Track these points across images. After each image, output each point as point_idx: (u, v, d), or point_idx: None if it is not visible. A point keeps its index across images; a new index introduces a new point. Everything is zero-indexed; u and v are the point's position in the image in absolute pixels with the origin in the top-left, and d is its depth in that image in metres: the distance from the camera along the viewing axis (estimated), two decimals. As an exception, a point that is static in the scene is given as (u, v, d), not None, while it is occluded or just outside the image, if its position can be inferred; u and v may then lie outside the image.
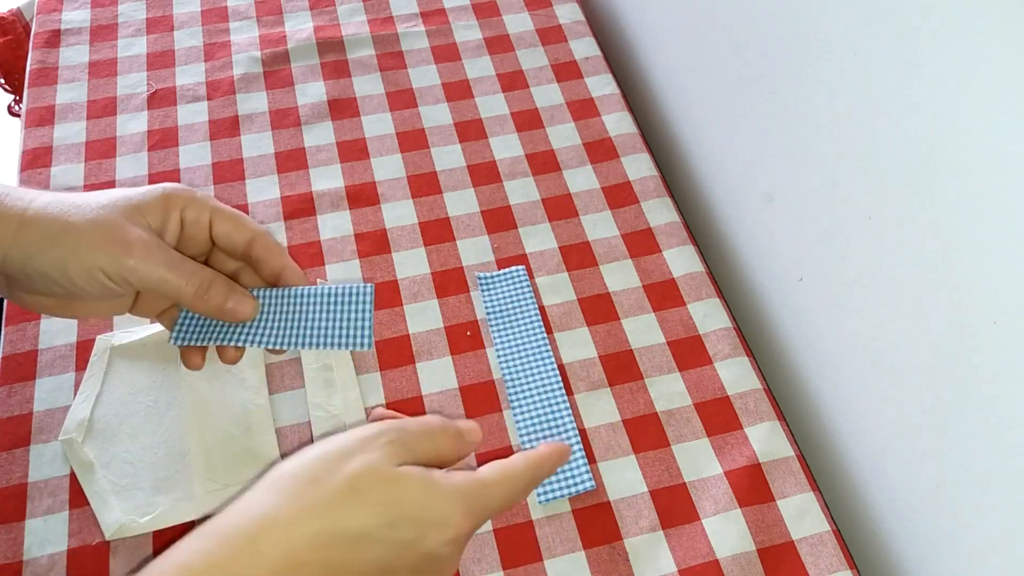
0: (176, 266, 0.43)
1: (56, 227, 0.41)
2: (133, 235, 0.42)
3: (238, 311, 0.44)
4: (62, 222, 0.41)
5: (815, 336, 0.59)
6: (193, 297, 0.43)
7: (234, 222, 0.46)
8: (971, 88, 0.39)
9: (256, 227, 0.46)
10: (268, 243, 0.46)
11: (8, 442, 0.54)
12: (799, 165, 0.56)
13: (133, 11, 0.81)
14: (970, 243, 0.42)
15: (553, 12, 0.82)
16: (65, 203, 0.42)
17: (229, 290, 0.44)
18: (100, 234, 0.41)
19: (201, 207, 0.45)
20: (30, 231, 0.41)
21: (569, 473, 0.53)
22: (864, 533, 0.56)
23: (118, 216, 0.42)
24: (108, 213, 0.42)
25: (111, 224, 0.42)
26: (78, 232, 0.41)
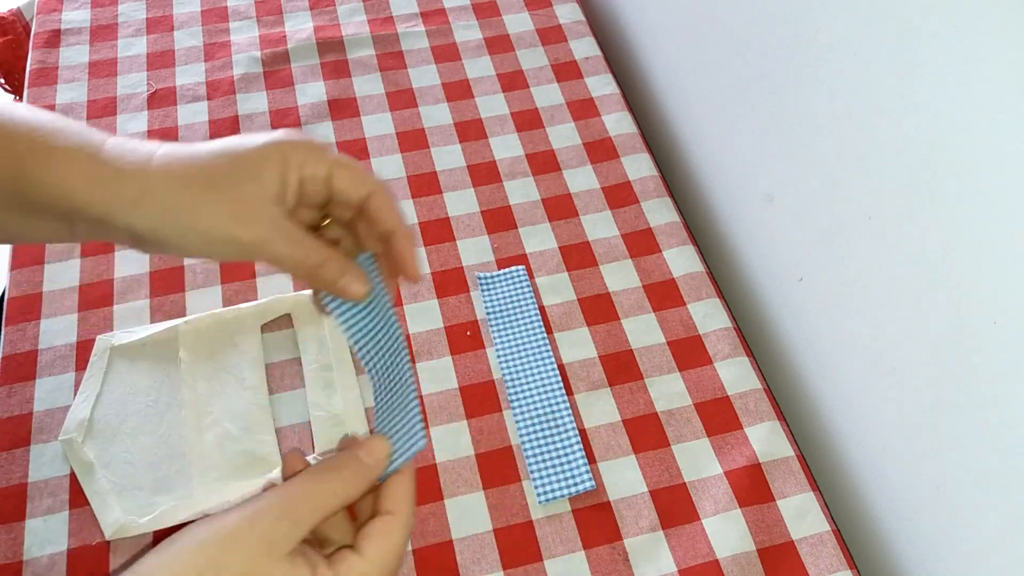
0: (294, 245, 0.42)
1: (177, 196, 0.40)
2: (254, 212, 0.41)
3: (349, 289, 0.44)
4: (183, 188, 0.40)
5: (815, 336, 0.59)
6: (306, 275, 0.43)
7: (352, 176, 0.44)
8: (971, 88, 0.39)
9: (374, 182, 0.45)
10: (382, 204, 0.45)
11: (8, 442, 0.54)
12: (799, 165, 0.56)
13: (133, 11, 0.81)
14: (970, 243, 0.42)
15: (553, 12, 0.82)
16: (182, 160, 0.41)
17: (342, 271, 0.44)
18: (221, 203, 0.40)
19: (319, 161, 0.43)
20: (151, 202, 0.40)
21: (569, 473, 0.53)
22: (864, 533, 0.56)
23: (241, 185, 0.41)
24: (230, 182, 0.41)
25: (231, 194, 0.41)
26: (201, 205, 0.40)
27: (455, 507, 0.52)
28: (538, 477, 0.53)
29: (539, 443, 0.54)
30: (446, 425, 0.55)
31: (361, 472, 0.38)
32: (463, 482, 0.53)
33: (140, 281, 0.61)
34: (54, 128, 0.41)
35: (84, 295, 0.61)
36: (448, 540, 0.51)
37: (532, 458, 0.54)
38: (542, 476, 0.53)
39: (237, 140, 0.43)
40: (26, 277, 0.62)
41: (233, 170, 0.41)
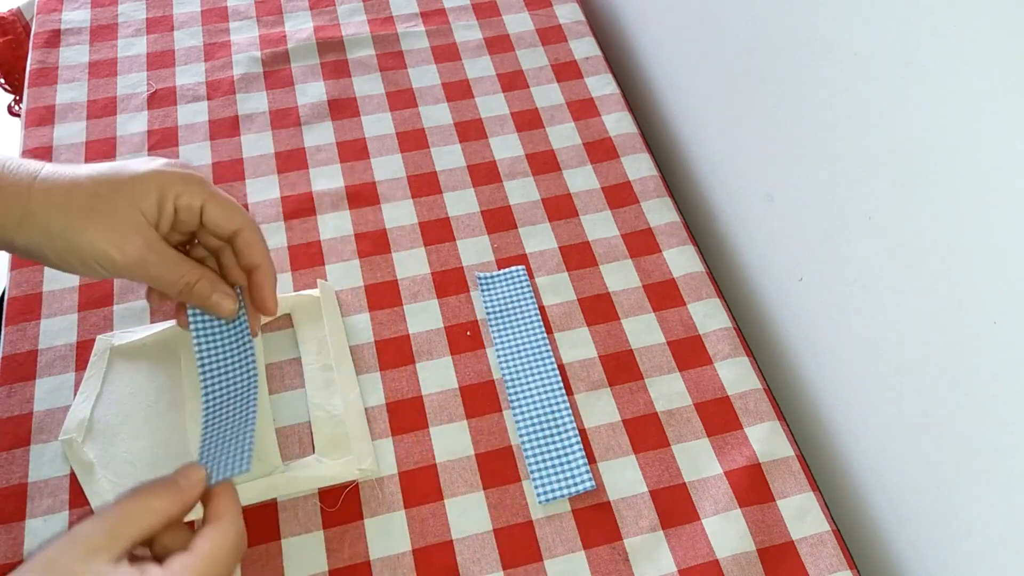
0: (167, 266, 0.46)
1: (58, 220, 0.43)
2: (129, 235, 0.44)
3: (221, 304, 0.48)
4: (63, 213, 0.43)
5: (815, 336, 0.59)
6: (179, 293, 0.47)
7: (224, 211, 0.47)
8: (971, 88, 0.39)
9: (243, 220, 0.48)
10: (250, 239, 0.48)
11: (8, 442, 0.54)
12: (799, 165, 0.56)
13: (133, 11, 0.81)
14: (970, 243, 0.42)
15: (553, 12, 0.82)
16: (63, 185, 0.44)
17: (212, 288, 0.48)
18: (101, 231, 0.43)
19: (194, 194, 0.46)
20: (32, 223, 0.43)
21: (569, 473, 0.53)
22: (864, 533, 0.56)
23: (119, 209, 0.44)
24: (109, 205, 0.44)
25: (109, 220, 0.44)
26: (81, 227, 0.43)
27: (455, 507, 0.52)
28: (538, 477, 0.53)
29: (539, 443, 0.54)
30: (446, 425, 0.55)
31: (176, 492, 0.41)
32: (463, 482, 0.53)
33: (140, 281, 0.61)
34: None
35: (84, 295, 0.61)
36: (448, 540, 0.51)
37: (532, 458, 0.54)
38: (542, 476, 0.53)
39: (118, 166, 0.46)
40: (26, 277, 0.62)
41: (112, 196, 0.44)
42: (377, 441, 0.54)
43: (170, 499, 0.41)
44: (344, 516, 0.51)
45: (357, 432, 0.54)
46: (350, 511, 0.52)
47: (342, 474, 0.52)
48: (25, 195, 0.43)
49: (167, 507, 0.40)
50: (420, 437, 0.55)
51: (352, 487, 0.52)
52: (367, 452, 0.53)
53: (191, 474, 0.42)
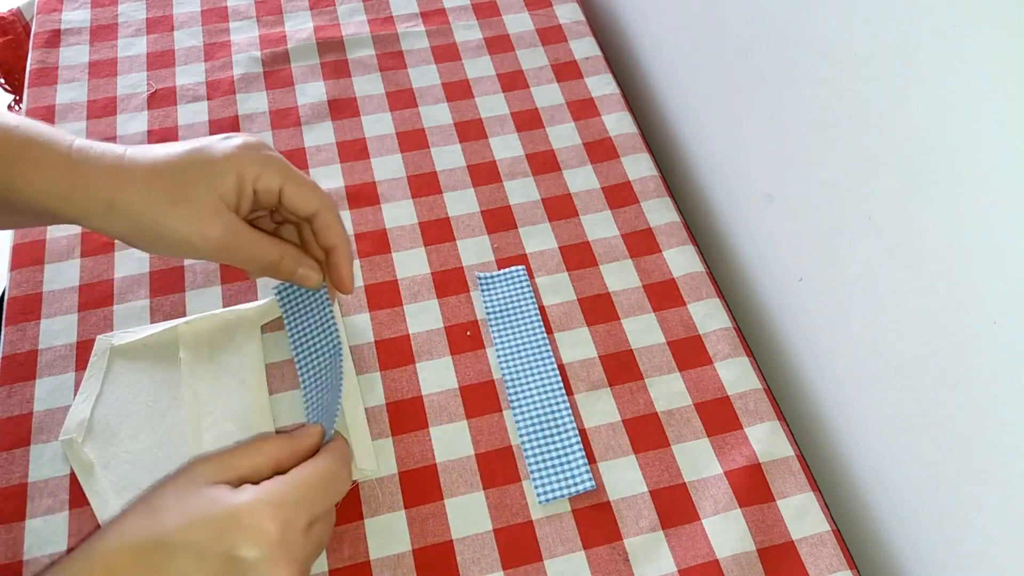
0: (250, 248, 0.48)
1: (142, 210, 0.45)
2: (210, 220, 0.46)
3: (308, 278, 0.51)
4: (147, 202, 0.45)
5: (815, 336, 0.59)
6: (263, 271, 0.49)
7: (301, 194, 0.49)
8: (971, 88, 0.39)
9: (321, 202, 0.50)
10: (327, 221, 0.50)
11: (8, 442, 0.54)
12: (799, 165, 0.56)
13: (133, 11, 0.81)
14: (970, 243, 0.42)
15: (553, 12, 0.82)
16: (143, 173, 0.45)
17: (299, 262, 0.50)
18: (181, 216, 0.45)
19: (273, 175, 0.48)
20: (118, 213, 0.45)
21: (569, 473, 0.53)
22: (864, 533, 0.56)
23: (196, 190, 0.45)
24: (185, 188, 0.45)
25: (190, 207, 0.45)
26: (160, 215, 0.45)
27: (455, 507, 0.52)
28: (538, 477, 0.53)
29: (539, 443, 0.54)
30: (446, 425, 0.55)
31: (288, 441, 0.45)
32: (463, 482, 0.53)
33: (140, 281, 0.61)
34: (26, 134, 0.44)
35: (84, 295, 0.61)
36: (448, 540, 0.51)
37: (532, 458, 0.54)
38: (542, 476, 0.53)
39: (196, 148, 0.47)
40: (26, 277, 0.62)
41: (191, 182, 0.46)
42: (377, 441, 0.54)
43: (280, 444, 0.44)
44: (344, 516, 0.51)
45: (357, 432, 0.54)
46: (350, 511, 0.52)
47: (342, 474, 0.52)
48: (111, 184, 0.44)
49: (276, 450, 0.43)
50: (420, 437, 0.55)
51: (352, 487, 0.52)
52: (367, 452, 0.53)
53: (308, 429, 0.46)
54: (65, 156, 0.44)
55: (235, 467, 0.42)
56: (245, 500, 0.39)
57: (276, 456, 0.43)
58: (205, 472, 0.41)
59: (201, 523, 0.38)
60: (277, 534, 0.39)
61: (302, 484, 0.41)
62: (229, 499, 0.39)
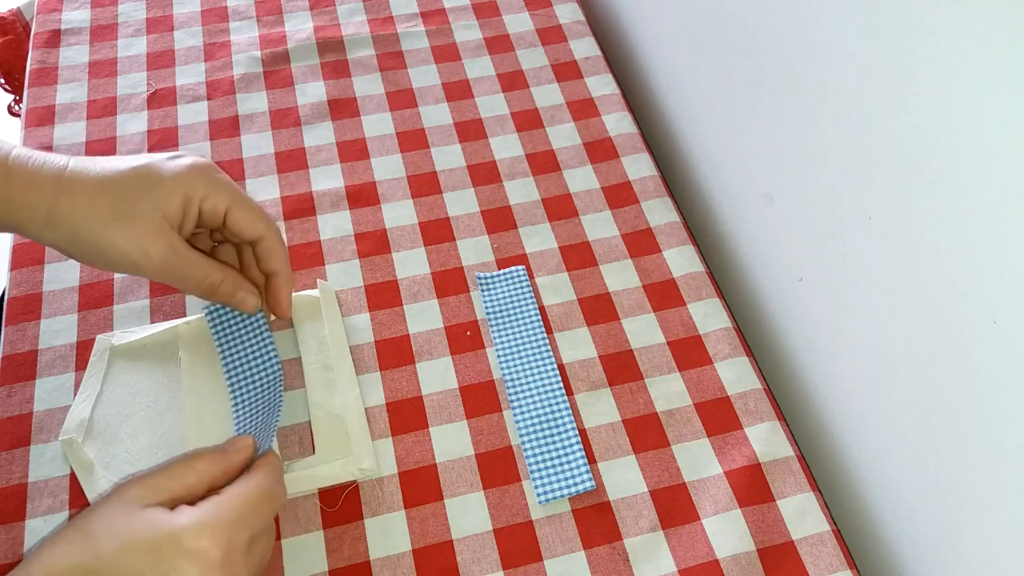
0: (190, 269, 0.47)
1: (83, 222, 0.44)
2: (152, 239, 0.45)
3: (246, 302, 0.50)
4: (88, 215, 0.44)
5: (815, 336, 0.59)
6: (203, 293, 0.49)
7: (247, 218, 0.48)
8: (971, 88, 0.39)
9: (267, 227, 0.49)
10: (271, 247, 0.50)
11: (8, 442, 0.54)
12: (799, 165, 0.56)
13: (133, 11, 0.81)
14: (970, 243, 0.42)
15: (553, 12, 0.82)
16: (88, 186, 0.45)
17: (236, 287, 0.50)
18: (122, 233, 0.44)
19: (220, 199, 0.47)
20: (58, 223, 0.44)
21: (569, 473, 0.53)
22: (864, 533, 0.56)
23: (141, 208, 0.45)
24: (130, 205, 0.45)
25: (132, 224, 0.44)
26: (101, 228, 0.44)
27: (455, 507, 0.52)
28: (538, 477, 0.53)
29: (539, 443, 0.54)
30: (446, 425, 0.55)
31: (220, 456, 0.44)
32: (463, 482, 0.53)
33: (140, 281, 0.61)
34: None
35: (84, 295, 0.61)
36: (448, 540, 0.51)
37: (532, 458, 0.54)
38: (542, 476, 0.53)
39: (145, 165, 0.46)
40: (26, 277, 0.62)
41: (136, 199, 0.45)
42: (377, 441, 0.54)
43: (213, 461, 0.43)
44: (344, 516, 0.51)
45: (357, 432, 0.54)
46: (350, 511, 0.52)
47: (342, 474, 0.52)
48: (51, 194, 0.44)
49: (209, 468, 0.42)
50: (420, 437, 0.55)
51: (352, 487, 0.52)
52: (367, 452, 0.53)
53: (238, 442, 0.45)
54: (2, 166, 0.44)
55: (167, 489, 0.41)
56: (185, 522, 0.38)
57: (209, 473, 0.42)
58: (138, 495, 0.40)
59: (139, 548, 0.37)
60: (219, 555, 0.38)
61: (241, 503, 0.40)
62: (167, 522, 0.38)
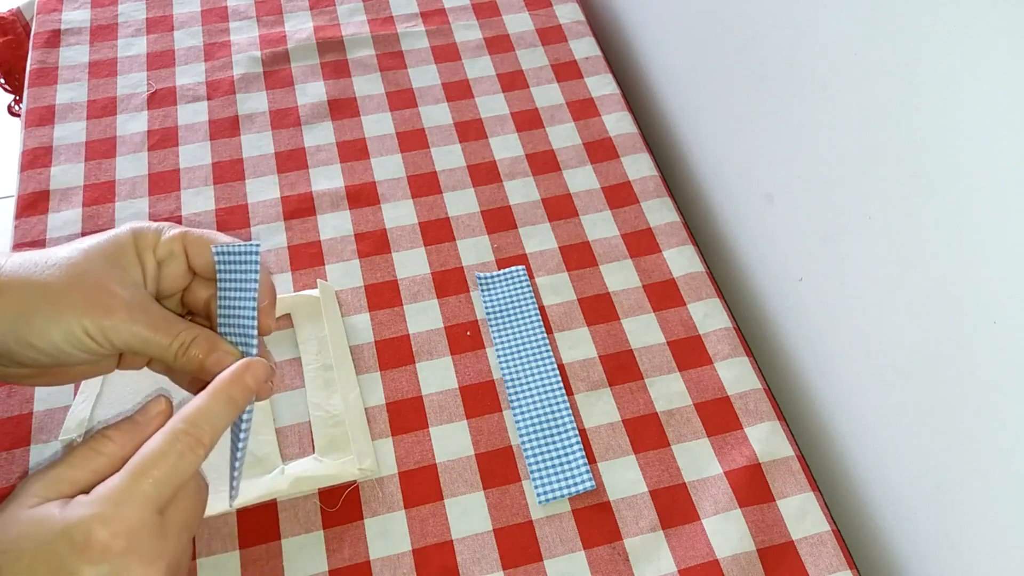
0: (159, 326, 0.41)
1: (34, 293, 0.38)
2: (114, 294, 0.39)
3: (222, 364, 0.41)
4: (39, 285, 0.38)
5: (815, 336, 0.59)
6: (175, 356, 0.41)
7: (207, 239, 0.43)
8: (971, 88, 0.39)
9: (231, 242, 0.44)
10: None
11: (8, 442, 0.54)
12: (799, 165, 0.56)
13: (133, 11, 0.81)
14: (970, 243, 0.42)
15: (553, 12, 0.82)
16: (37, 263, 0.39)
17: (211, 347, 0.42)
18: (81, 296, 0.39)
19: (171, 240, 0.42)
20: (6, 301, 0.38)
21: (569, 473, 0.53)
22: (864, 533, 0.56)
23: (96, 271, 0.40)
24: (84, 269, 0.39)
25: (90, 283, 0.39)
26: (58, 295, 0.38)
27: (455, 507, 0.52)
28: (538, 477, 0.53)
29: (539, 443, 0.54)
30: (446, 425, 0.55)
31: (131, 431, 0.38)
32: (463, 482, 0.53)
33: (140, 281, 0.61)
34: None
35: (84, 295, 0.60)
36: (448, 540, 0.51)
37: (532, 458, 0.54)
38: (542, 476, 0.53)
39: (88, 239, 0.41)
40: (26, 277, 0.61)
41: (91, 263, 0.40)
42: (377, 441, 0.54)
43: (123, 438, 0.37)
44: (344, 516, 0.51)
45: (357, 432, 0.54)
46: (350, 511, 0.52)
47: (342, 474, 0.52)
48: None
49: (117, 448, 0.37)
50: (420, 437, 0.55)
51: (352, 487, 0.52)
52: (367, 452, 0.53)
53: (151, 408, 0.39)
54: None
55: (70, 479, 0.35)
56: (75, 515, 0.33)
57: (119, 455, 0.37)
58: (35, 490, 0.35)
59: (32, 553, 0.33)
60: (122, 544, 0.33)
61: (137, 474, 0.35)
62: (58, 517, 0.33)
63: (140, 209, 0.66)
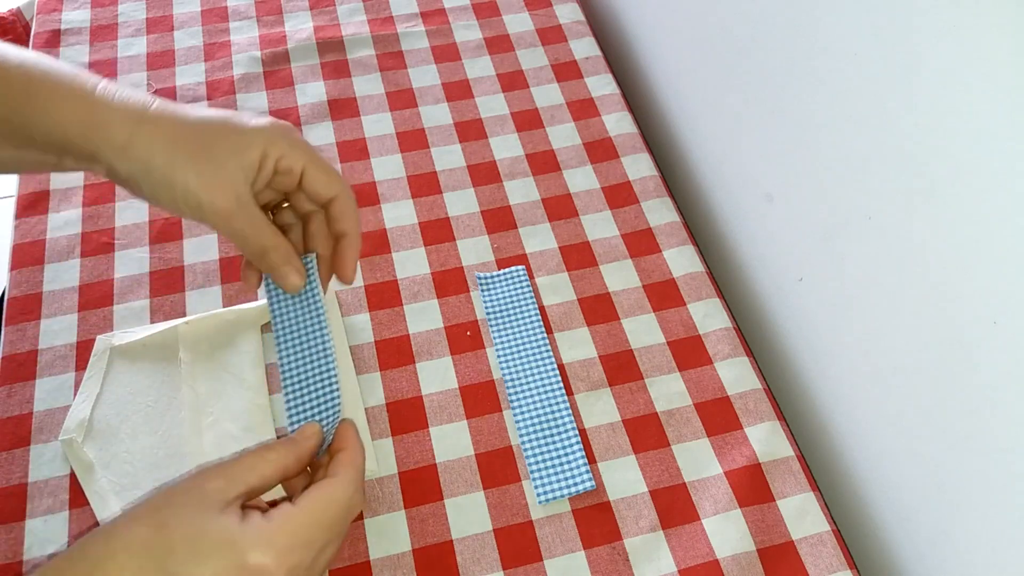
0: (251, 226, 0.47)
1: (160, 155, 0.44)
2: (224, 187, 0.45)
3: (288, 278, 0.49)
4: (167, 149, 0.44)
5: (815, 336, 0.59)
6: (252, 254, 0.48)
7: (324, 177, 0.48)
8: (971, 88, 0.39)
9: (341, 188, 0.49)
10: (345, 207, 0.49)
11: (8, 442, 0.54)
12: (799, 165, 0.56)
13: (133, 11, 0.81)
14: (970, 243, 0.42)
15: (553, 12, 0.82)
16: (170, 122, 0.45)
17: (286, 260, 0.48)
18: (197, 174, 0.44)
19: (297, 156, 0.47)
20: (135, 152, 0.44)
21: (569, 473, 0.53)
22: (864, 533, 0.56)
23: (218, 154, 0.45)
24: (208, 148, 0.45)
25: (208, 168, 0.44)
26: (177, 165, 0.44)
27: (455, 507, 0.52)
28: (538, 477, 0.53)
29: (539, 443, 0.54)
30: (446, 425, 0.55)
31: (290, 445, 0.43)
32: (463, 482, 0.53)
33: (140, 281, 0.61)
34: (48, 68, 0.44)
35: (84, 295, 0.61)
36: (448, 540, 0.51)
37: (532, 458, 0.54)
38: (542, 476, 0.53)
39: (227, 116, 0.46)
40: (26, 277, 0.62)
41: (217, 143, 0.45)
42: (377, 441, 0.54)
43: (284, 451, 0.43)
44: (344, 516, 0.51)
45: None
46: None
47: (342, 474, 0.52)
48: (133, 123, 0.44)
49: (281, 458, 0.42)
50: (420, 437, 0.55)
51: (352, 487, 0.52)
52: (367, 452, 0.53)
53: (306, 430, 0.45)
54: (89, 91, 0.44)
55: (244, 480, 0.41)
56: (253, 536, 0.38)
57: (283, 464, 0.43)
58: (216, 489, 0.40)
59: (204, 550, 0.37)
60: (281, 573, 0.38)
61: (312, 522, 0.40)
62: (238, 533, 0.38)
63: (140, 209, 0.66)
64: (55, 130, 0.43)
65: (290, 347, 0.52)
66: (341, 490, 0.42)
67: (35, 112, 0.43)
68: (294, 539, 0.39)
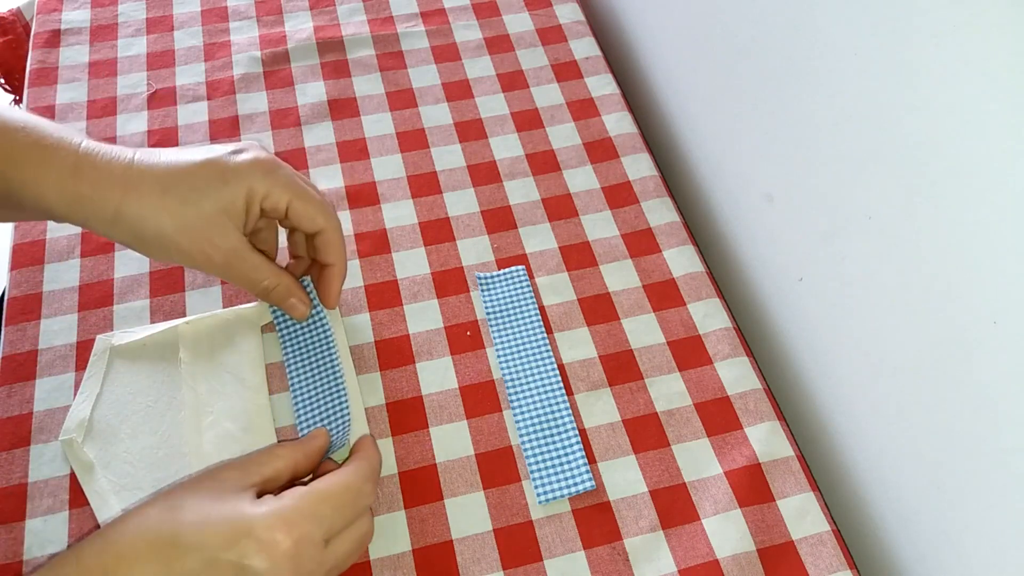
0: (250, 271, 0.50)
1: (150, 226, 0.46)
2: (217, 242, 0.47)
3: (295, 309, 0.54)
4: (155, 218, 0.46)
5: (815, 336, 0.59)
6: (258, 294, 0.52)
7: (308, 211, 0.50)
8: (971, 88, 0.39)
9: (327, 221, 0.51)
10: (330, 240, 0.52)
11: (8, 442, 0.54)
12: (799, 165, 0.56)
13: (133, 11, 0.81)
14: (970, 243, 0.42)
15: (553, 12, 0.82)
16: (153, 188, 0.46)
17: (289, 294, 0.53)
18: (189, 238, 0.46)
19: (280, 195, 0.49)
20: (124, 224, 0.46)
21: (569, 473, 0.53)
22: (864, 533, 0.56)
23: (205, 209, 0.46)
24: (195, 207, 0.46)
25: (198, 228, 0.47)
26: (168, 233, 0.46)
27: (455, 507, 0.52)
28: (538, 477, 0.53)
29: (539, 443, 0.54)
30: (446, 425, 0.55)
31: (300, 445, 0.47)
32: (463, 482, 0.53)
33: (140, 281, 0.61)
34: (32, 138, 0.45)
35: (84, 295, 0.61)
36: (448, 540, 0.51)
37: (532, 458, 0.54)
38: (542, 476, 0.53)
39: (210, 159, 0.47)
40: (26, 277, 0.62)
41: (203, 197, 0.47)
42: (377, 441, 0.54)
43: (295, 448, 0.46)
44: (344, 516, 0.51)
45: (357, 432, 0.54)
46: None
47: (342, 474, 0.52)
48: (119, 193, 0.45)
49: (291, 455, 0.45)
50: (420, 437, 0.55)
51: (352, 487, 0.52)
52: (367, 452, 0.53)
53: (315, 432, 0.48)
54: (72, 161, 0.45)
55: (259, 472, 0.43)
56: (261, 512, 0.40)
57: (293, 460, 0.45)
58: (230, 477, 0.43)
59: (217, 528, 0.39)
60: (289, 547, 0.39)
61: (318, 498, 0.42)
62: (247, 510, 0.40)
63: (140, 209, 0.66)
64: (42, 203, 0.45)
65: (299, 363, 0.56)
66: (352, 475, 0.44)
67: (22, 184, 0.45)
68: (300, 510, 0.41)
